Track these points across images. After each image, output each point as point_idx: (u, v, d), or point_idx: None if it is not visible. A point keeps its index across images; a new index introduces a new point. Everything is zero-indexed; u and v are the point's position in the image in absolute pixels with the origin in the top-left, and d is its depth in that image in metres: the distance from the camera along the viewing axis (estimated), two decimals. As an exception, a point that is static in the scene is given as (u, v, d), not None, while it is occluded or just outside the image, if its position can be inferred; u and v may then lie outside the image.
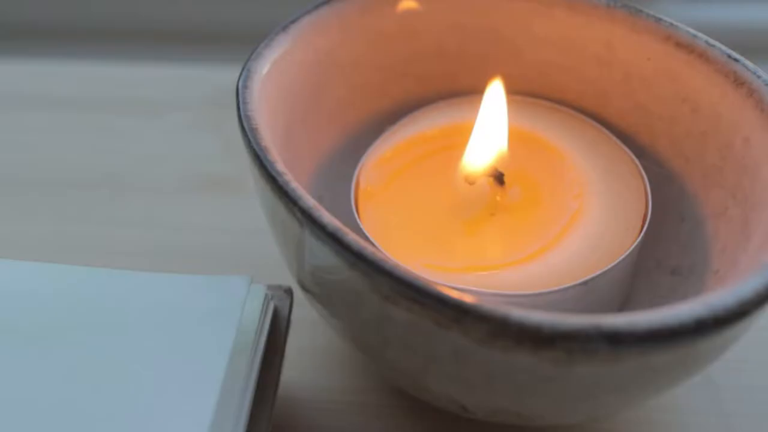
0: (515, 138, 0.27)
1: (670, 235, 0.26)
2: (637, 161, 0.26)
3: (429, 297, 0.19)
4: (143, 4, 0.64)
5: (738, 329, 0.19)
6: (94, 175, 0.37)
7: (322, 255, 0.21)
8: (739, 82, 0.24)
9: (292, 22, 0.27)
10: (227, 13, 0.64)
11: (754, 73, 0.24)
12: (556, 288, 0.23)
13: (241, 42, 0.37)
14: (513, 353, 0.18)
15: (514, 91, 0.29)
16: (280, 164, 0.22)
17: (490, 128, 0.26)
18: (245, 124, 0.23)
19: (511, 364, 0.19)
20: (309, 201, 0.21)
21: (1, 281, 0.23)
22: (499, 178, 0.25)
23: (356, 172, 0.27)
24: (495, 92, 0.26)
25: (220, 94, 0.41)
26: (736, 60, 0.24)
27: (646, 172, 0.27)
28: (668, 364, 0.19)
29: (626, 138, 0.28)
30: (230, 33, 0.54)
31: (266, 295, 0.24)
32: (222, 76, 0.42)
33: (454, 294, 0.19)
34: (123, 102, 0.41)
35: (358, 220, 0.25)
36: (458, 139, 0.26)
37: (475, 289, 0.23)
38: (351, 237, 0.20)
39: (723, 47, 0.25)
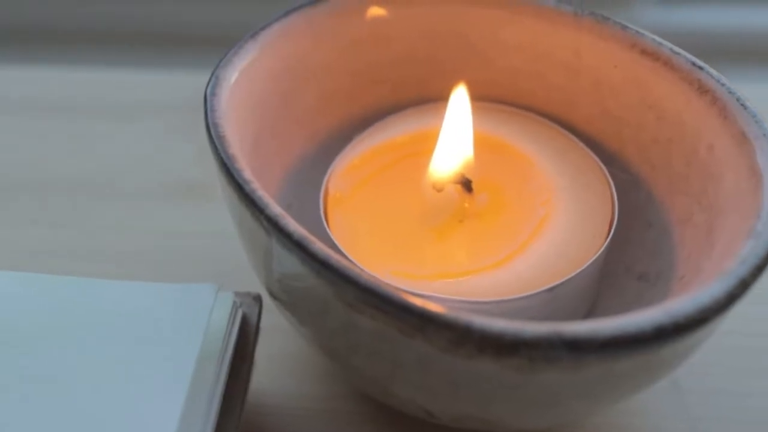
0: (483, 144, 0.27)
1: (637, 242, 0.27)
2: (604, 168, 0.27)
3: (393, 305, 0.19)
4: (119, 9, 0.63)
5: (699, 336, 0.19)
6: (68, 180, 0.36)
7: (289, 263, 0.21)
8: (703, 89, 0.24)
9: (262, 29, 0.27)
10: (203, 17, 0.63)
11: (718, 81, 0.24)
12: (522, 295, 0.23)
13: (218, 46, 0.37)
14: (476, 361, 0.19)
15: (483, 98, 0.29)
16: (247, 172, 0.22)
17: (456, 135, 0.26)
18: (213, 132, 0.23)
19: (474, 371, 0.19)
20: (275, 209, 0.21)
21: (-33, 290, 0.23)
22: (467, 185, 0.25)
23: (325, 180, 0.27)
24: (459, 99, 0.26)
25: (195, 99, 0.41)
26: (700, 68, 0.25)
27: (615, 179, 0.27)
28: (631, 371, 0.19)
29: (595, 144, 0.28)
30: (207, 37, 0.54)
31: (234, 302, 0.24)
32: (198, 80, 0.42)
33: (418, 302, 0.19)
34: (97, 107, 0.41)
35: (326, 227, 0.25)
36: (427, 145, 0.26)
37: (442, 296, 0.23)
38: (317, 245, 0.20)
39: (688, 55, 0.25)
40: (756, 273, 0.19)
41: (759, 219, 0.21)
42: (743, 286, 0.19)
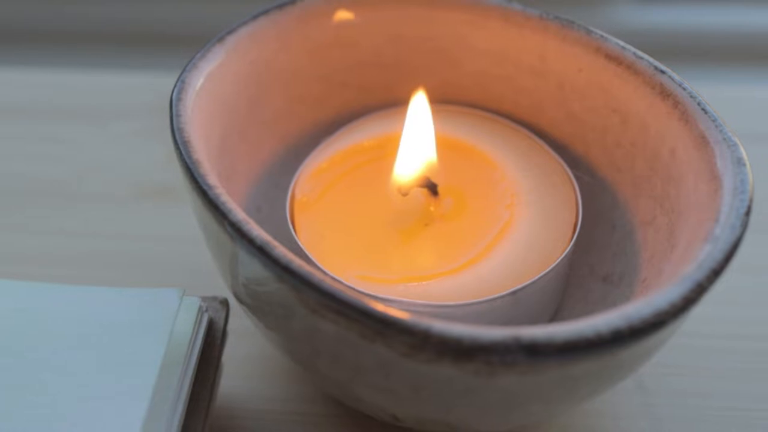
0: (449, 148, 0.27)
1: (602, 244, 0.27)
2: (569, 171, 0.27)
3: (353, 310, 0.19)
4: (90, 9, 0.63)
5: (656, 339, 0.19)
6: (38, 184, 0.36)
7: (252, 268, 0.21)
8: (665, 93, 0.25)
9: (229, 33, 0.27)
10: (174, 19, 0.63)
11: (680, 85, 0.24)
12: (485, 298, 0.23)
13: (189, 48, 0.37)
14: (435, 365, 0.19)
15: (451, 101, 0.30)
16: (211, 177, 0.22)
17: (419, 139, 0.26)
18: (177, 137, 0.23)
19: (434, 375, 0.19)
20: (239, 215, 0.21)
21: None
22: (432, 188, 0.25)
23: (292, 183, 0.27)
24: (419, 103, 0.26)
25: (166, 101, 0.41)
26: (662, 72, 0.25)
27: (580, 182, 0.27)
28: (589, 374, 0.20)
29: (561, 147, 0.28)
30: (177, 39, 0.54)
31: (200, 306, 0.24)
32: (170, 82, 0.42)
33: (378, 307, 0.19)
34: (67, 110, 0.41)
35: (292, 231, 0.26)
36: (394, 149, 0.27)
37: (406, 299, 0.23)
38: (279, 250, 0.20)
39: (651, 59, 0.25)
40: (712, 277, 0.20)
41: (717, 223, 0.21)
42: (699, 290, 0.19)
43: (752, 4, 0.77)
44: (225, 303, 0.25)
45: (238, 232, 0.21)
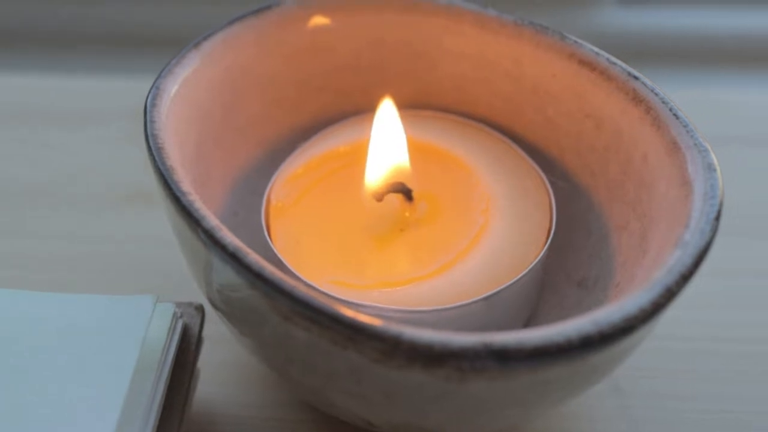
0: (424, 153, 0.27)
1: (577, 248, 0.27)
2: (543, 175, 0.27)
3: (325, 316, 0.19)
4: (68, 14, 0.63)
5: (626, 344, 0.19)
6: (16, 187, 0.36)
7: (226, 274, 0.21)
8: (638, 99, 0.25)
9: (205, 38, 0.27)
10: (157, 22, 0.63)
11: (652, 91, 0.25)
12: (458, 303, 0.23)
13: (173, 51, 0.37)
14: (407, 371, 0.19)
15: (428, 106, 0.30)
16: (185, 184, 0.22)
17: (392, 144, 0.26)
18: (151, 143, 0.23)
19: (406, 381, 0.19)
20: (212, 221, 0.21)
21: None
22: (407, 194, 0.26)
23: (267, 189, 0.27)
24: (386, 110, 0.27)
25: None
26: (635, 78, 0.25)
27: (556, 186, 0.27)
28: (560, 378, 0.20)
29: (537, 152, 0.28)
30: (161, 42, 0.54)
31: (175, 312, 0.24)
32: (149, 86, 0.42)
33: (349, 313, 0.19)
34: (48, 114, 0.41)
35: (267, 237, 0.26)
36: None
37: (379, 305, 0.23)
38: (252, 257, 0.20)
39: (624, 65, 0.26)
40: (682, 282, 0.20)
41: (687, 228, 0.21)
42: (669, 295, 0.19)
43: (733, 7, 0.78)
44: (200, 309, 0.25)
45: (211, 238, 0.21)
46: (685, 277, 0.20)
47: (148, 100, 0.25)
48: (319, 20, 0.29)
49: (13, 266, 0.32)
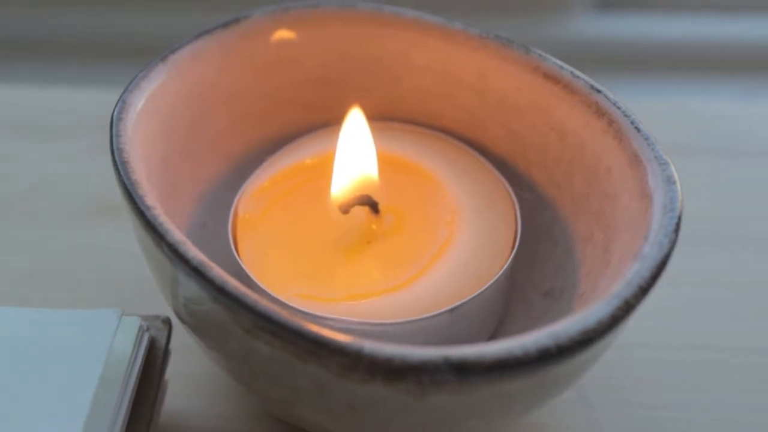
0: (391, 165, 0.27)
1: (544, 259, 0.27)
2: (509, 187, 0.27)
3: (287, 331, 0.19)
4: (35, 23, 0.62)
5: (586, 355, 0.20)
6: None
7: (190, 288, 0.21)
8: (600, 112, 0.25)
9: (172, 52, 0.27)
10: (127, 32, 0.63)
11: (614, 104, 0.25)
12: (423, 316, 0.23)
13: (143, 62, 0.37)
14: (369, 385, 0.19)
15: (395, 119, 0.30)
16: (150, 198, 0.22)
17: (358, 156, 0.26)
18: (117, 157, 0.23)
19: (369, 395, 0.19)
20: (176, 236, 0.21)
21: None
22: (373, 206, 0.26)
23: (235, 202, 0.27)
24: (354, 121, 0.27)
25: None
26: (598, 91, 0.25)
27: (522, 198, 0.28)
28: (522, 391, 0.20)
29: (503, 164, 0.29)
30: (130, 52, 0.54)
31: (141, 326, 0.24)
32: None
33: (311, 327, 0.19)
34: (14, 125, 0.40)
35: (234, 250, 0.26)
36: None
37: (346, 318, 0.23)
38: (215, 272, 0.20)
39: (587, 78, 0.26)
40: (640, 295, 0.20)
41: (646, 241, 0.21)
42: (627, 307, 0.20)
43: (710, 14, 0.78)
44: (167, 322, 0.25)
45: (174, 253, 0.21)
46: (644, 290, 0.20)
47: (114, 113, 0.25)
48: (286, 34, 0.29)
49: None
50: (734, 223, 0.36)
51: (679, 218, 0.22)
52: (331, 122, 0.29)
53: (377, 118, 0.29)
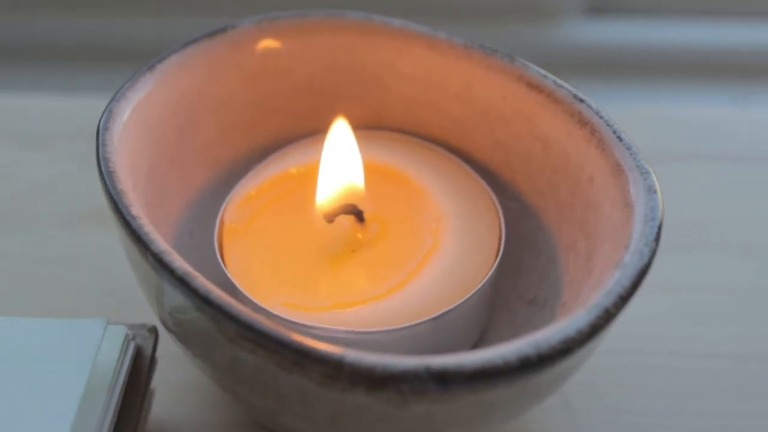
0: (376, 173, 0.27)
1: (528, 268, 0.27)
2: (493, 196, 0.27)
3: (270, 340, 0.19)
4: (25, 28, 0.62)
5: (566, 364, 0.20)
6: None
7: (175, 298, 0.21)
8: (583, 121, 0.25)
9: (159, 61, 0.27)
10: (116, 37, 0.63)
11: (597, 113, 0.25)
12: (406, 324, 0.24)
13: (133, 68, 0.37)
14: (351, 394, 0.19)
15: (382, 127, 0.30)
16: (135, 208, 0.23)
17: (343, 165, 0.26)
18: (103, 167, 0.24)
19: (351, 404, 0.20)
20: (161, 245, 0.21)
21: None
22: (359, 215, 0.26)
23: (221, 210, 0.27)
24: (339, 131, 0.27)
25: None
26: (581, 100, 0.26)
27: (507, 207, 0.28)
28: (502, 399, 0.20)
29: (489, 173, 0.29)
30: (124, 57, 0.54)
31: (126, 335, 0.24)
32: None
33: (295, 337, 0.19)
34: (8, 133, 0.41)
35: (219, 259, 0.26)
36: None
37: (330, 326, 0.23)
38: (199, 281, 0.20)
39: (570, 88, 0.26)
40: (620, 304, 0.20)
41: (627, 250, 0.22)
42: (607, 316, 0.20)
43: (700, 20, 0.78)
44: (153, 330, 0.26)
45: (159, 262, 0.21)
46: (624, 299, 0.20)
47: (101, 123, 0.25)
48: (273, 43, 0.29)
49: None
50: (721, 228, 0.36)
51: (660, 227, 0.22)
52: (319, 130, 0.29)
53: (365, 126, 0.29)
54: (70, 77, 0.60)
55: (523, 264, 0.28)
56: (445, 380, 0.18)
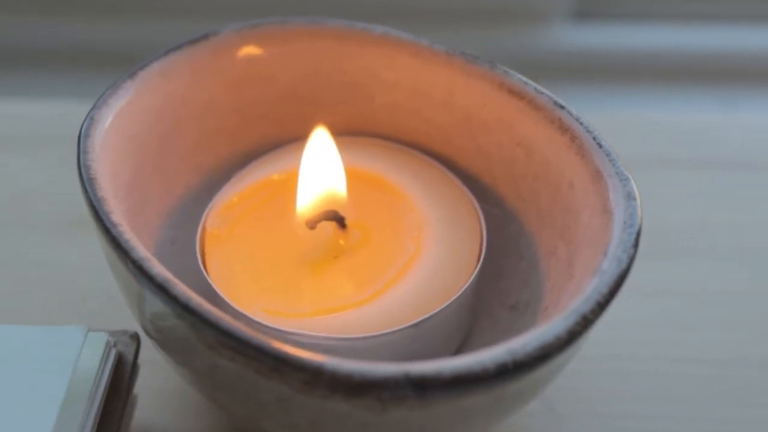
0: (358, 180, 0.27)
1: (510, 273, 0.28)
2: (475, 202, 0.27)
3: (249, 347, 0.19)
4: (10, 34, 0.62)
5: (545, 370, 0.20)
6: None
7: (155, 305, 0.21)
8: (563, 128, 0.25)
9: (141, 68, 0.27)
10: (105, 42, 0.63)
11: (577, 120, 0.25)
12: (387, 330, 0.24)
13: (117, 73, 0.37)
14: (330, 401, 0.19)
15: (365, 134, 0.30)
16: (116, 215, 0.23)
17: (324, 172, 0.26)
18: (83, 174, 0.24)
19: (331, 410, 0.20)
20: (141, 252, 0.21)
21: None
22: (340, 221, 0.26)
23: (203, 217, 0.27)
24: (319, 138, 0.27)
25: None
26: (561, 107, 0.26)
27: (489, 213, 0.28)
28: (482, 406, 0.20)
29: (471, 179, 0.29)
30: (108, 63, 0.54)
31: (108, 341, 0.24)
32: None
33: (274, 344, 0.19)
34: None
35: (201, 265, 0.26)
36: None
37: (311, 333, 0.23)
38: (179, 288, 0.20)
39: (550, 94, 0.26)
40: (597, 310, 0.20)
41: (605, 256, 0.22)
42: (585, 323, 0.20)
43: (689, 24, 0.79)
44: (135, 337, 0.26)
45: (139, 269, 0.21)
46: (601, 305, 0.20)
47: (82, 130, 0.25)
48: (254, 50, 0.29)
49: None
50: (710, 234, 0.36)
51: (638, 234, 0.22)
52: (304, 137, 0.29)
53: (350, 133, 0.29)
54: (53, 83, 0.59)
55: (504, 269, 0.28)
56: (423, 387, 0.18)
